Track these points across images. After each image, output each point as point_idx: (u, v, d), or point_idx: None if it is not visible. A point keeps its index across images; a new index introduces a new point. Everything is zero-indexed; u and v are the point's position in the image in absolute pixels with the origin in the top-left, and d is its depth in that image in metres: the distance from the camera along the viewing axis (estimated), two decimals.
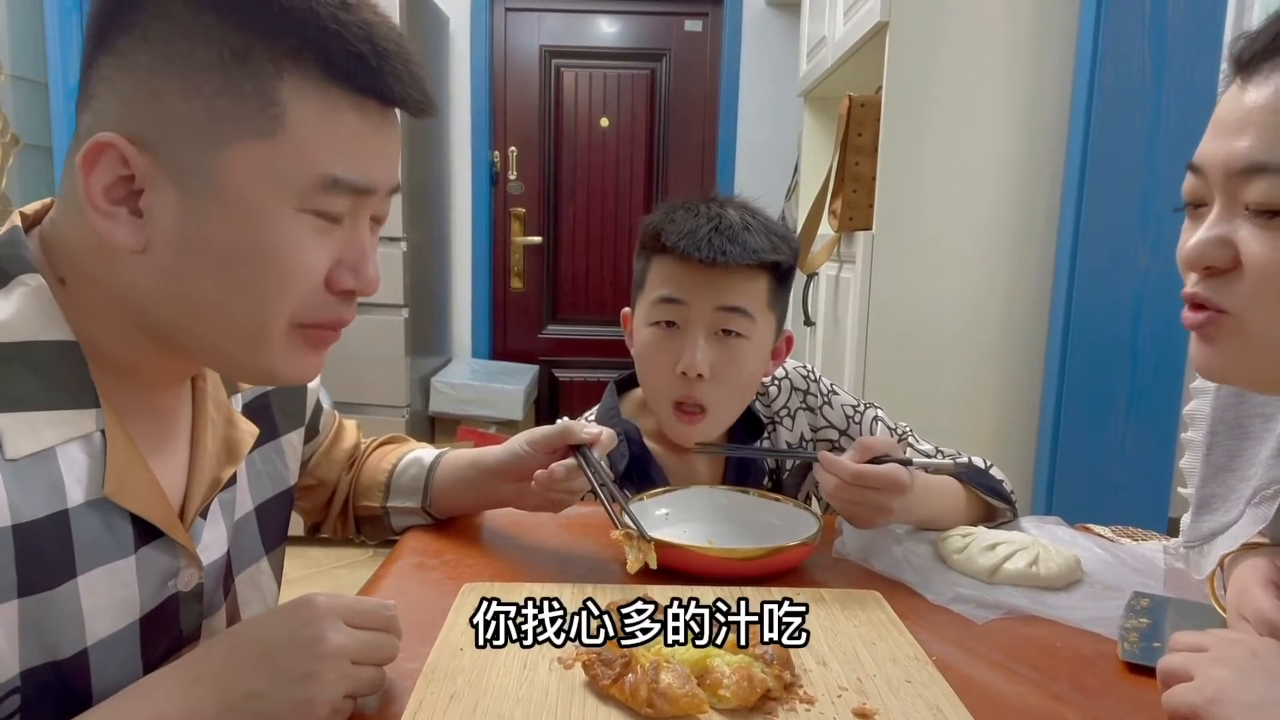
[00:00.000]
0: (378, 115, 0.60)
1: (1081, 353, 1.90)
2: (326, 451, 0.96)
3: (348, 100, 0.58)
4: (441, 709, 0.60)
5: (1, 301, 0.57)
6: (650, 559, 0.81)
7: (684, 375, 1.01)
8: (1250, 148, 0.57)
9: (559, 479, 0.86)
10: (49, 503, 0.56)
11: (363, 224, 0.63)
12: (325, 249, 0.60)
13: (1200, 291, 0.61)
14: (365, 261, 0.62)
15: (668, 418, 1.06)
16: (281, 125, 0.56)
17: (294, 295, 0.60)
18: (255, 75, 0.55)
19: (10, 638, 0.54)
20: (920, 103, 1.91)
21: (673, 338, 1.03)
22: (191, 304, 0.59)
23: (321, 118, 0.57)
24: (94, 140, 0.55)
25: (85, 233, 0.59)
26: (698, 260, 0.98)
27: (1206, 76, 1.78)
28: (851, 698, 0.63)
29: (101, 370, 0.60)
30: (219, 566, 0.71)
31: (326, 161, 0.57)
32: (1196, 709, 0.56)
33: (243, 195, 0.56)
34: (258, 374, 0.64)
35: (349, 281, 0.62)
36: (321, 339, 0.64)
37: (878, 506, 0.89)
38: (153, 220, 0.57)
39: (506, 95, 3.61)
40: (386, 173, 0.62)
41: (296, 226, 0.58)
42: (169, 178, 0.56)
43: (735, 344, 1.02)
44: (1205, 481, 0.85)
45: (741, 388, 1.06)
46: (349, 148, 0.58)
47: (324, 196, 0.58)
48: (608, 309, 3.73)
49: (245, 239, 0.57)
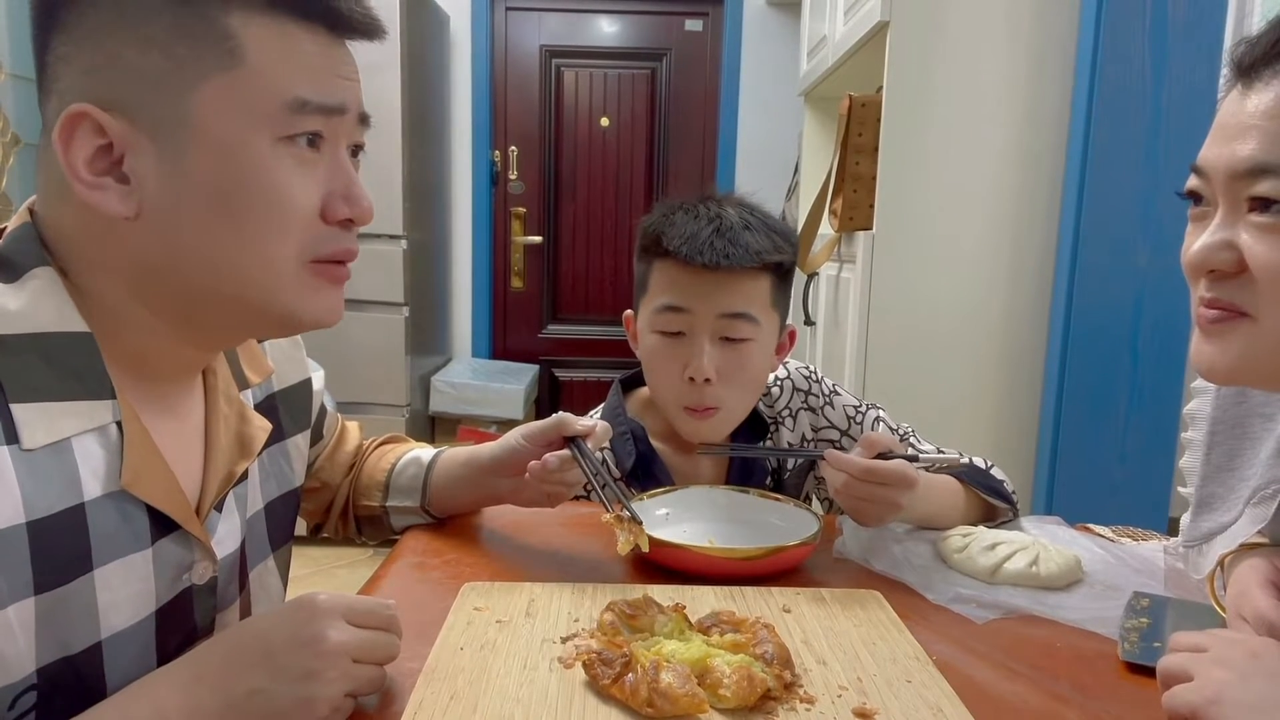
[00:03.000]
0: (328, 38, 0.61)
1: (1081, 352, 1.90)
2: (330, 454, 0.96)
3: (296, 24, 0.59)
4: (441, 709, 0.60)
5: (15, 293, 0.57)
6: (641, 541, 0.82)
7: (691, 381, 1.01)
8: (1254, 151, 0.58)
9: (552, 469, 0.86)
10: (65, 496, 0.56)
11: (342, 151, 0.64)
12: (311, 179, 0.61)
13: (1219, 296, 0.61)
14: (354, 186, 0.63)
15: (679, 418, 1.06)
16: (241, 58, 0.57)
17: (291, 229, 0.60)
18: (203, 14, 0.57)
19: (27, 635, 0.54)
20: (921, 102, 1.91)
21: (679, 344, 1.02)
22: (195, 260, 0.59)
23: (277, 43, 0.58)
24: (66, 113, 0.55)
25: (75, 217, 0.59)
26: (700, 265, 0.98)
27: (1206, 77, 1.78)
28: (851, 697, 0.63)
29: (115, 362, 0.60)
30: (233, 560, 0.71)
31: (291, 85, 0.59)
32: (1196, 709, 0.56)
33: (219, 135, 0.57)
34: (279, 319, 0.64)
35: (344, 210, 0.63)
36: (334, 274, 0.64)
37: (887, 502, 0.89)
38: (139, 183, 0.57)
39: (507, 95, 3.61)
40: (353, 93, 0.63)
41: (277, 158, 0.59)
42: (146, 136, 0.57)
43: (741, 347, 1.02)
44: (1205, 481, 0.85)
45: (750, 386, 1.07)
46: (310, 70, 0.60)
47: (296, 119, 0.59)
48: (608, 309, 3.73)
49: (230, 178, 0.58)
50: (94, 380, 0.59)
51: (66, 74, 0.57)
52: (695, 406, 1.03)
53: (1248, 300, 0.60)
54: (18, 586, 0.53)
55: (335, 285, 0.65)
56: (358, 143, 0.66)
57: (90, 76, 0.57)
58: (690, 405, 1.03)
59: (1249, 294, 0.60)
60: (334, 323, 0.67)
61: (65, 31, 0.57)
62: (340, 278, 0.65)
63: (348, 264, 0.65)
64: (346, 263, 0.65)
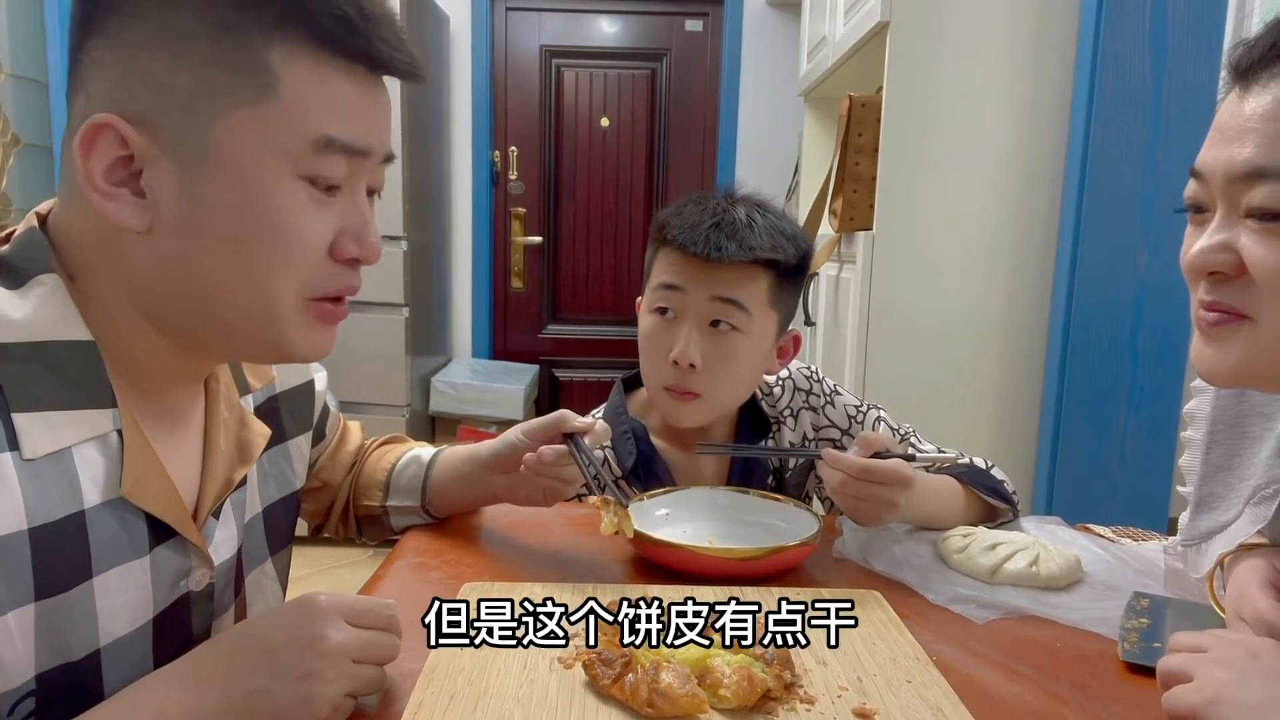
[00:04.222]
0: (367, 79, 0.61)
1: (1082, 353, 1.90)
2: (332, 454, 0.96)
3: (337, 64, 0.59)
4: (441, 709, 0.60)
5: (19, 301, 0.57)
6: (626, 527, 0.82)
7: (675, 364, 1.02)
8: (1252, 154, 0.58)
9: (548, 462, 0.86)
10: (66, 504, 0.56)
11: (360, 192, 0.64)
12: (326, 218, 0.61)
13: (1219, 299, 0.61)
14: (366, 228, 0.63)
15: (660, 398, 1.07)
16: (275, 92, 0.57)
17: (299, 265, 0.60)
18: (245, 44, 0.56)
19: (27, 641, 0.54)
20: (921, 103, 1.91)
21: (669, 327, 1.04)
22: (200, 282, 0.59)
23: (314, 82, 0.58)
24: (91, 122, 0.55)
25: (88, 223, 0.59)
26: (694, 254, 1.00)
27: (1206, 78, 1.78)
28: (852, 698, 0.63)
29: (117, 370, 0.60)
30: (229, 566, 0.71)
31: (321, 123, 0.58)
32: (1196, 709, 0.56)
33: (241, 165, 0.57)
34: (273, 350, 0.64)
35: (353, 249, 0.63)
36: (332, 314, 0.65)
37: (883, 501, 0.89)
38: (155, 199, 0.57)
39: (507, 95, 3.61)
40: (380, 136, 0.63)
41: (295, 194, 0.59)
42: (168, 154, 0.57)
43: (729, 337, 1.03)
44: (1204, 480, 0.85)
45: (735, 380, 1.07)
46: (342, 110, 0.59)
47: (320, 159, 0.59)
48: (608, 309, 3.73)
49: (246, 209, 0.58)
50: (96, 389, 0.59)
51: (97, 78, 0.57)
52: (675, 388, 1.04)
53: (1248, 302, 0.60)
54: (18, 593, 0.53)
55: (331, 324, 0.65)
56: (375, 187, 0.66)
57: (120, 87, 0.56)
58: (670, 386, 1.05)
59: (1249, 296, 0.60)
60: (323, 356, 0.67)
61: (103, 37, 0.57)
62: (337, 317, 0.65)
63: (346, 300, 0.66)
64: (345, 299, 0.65)
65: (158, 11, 0.56)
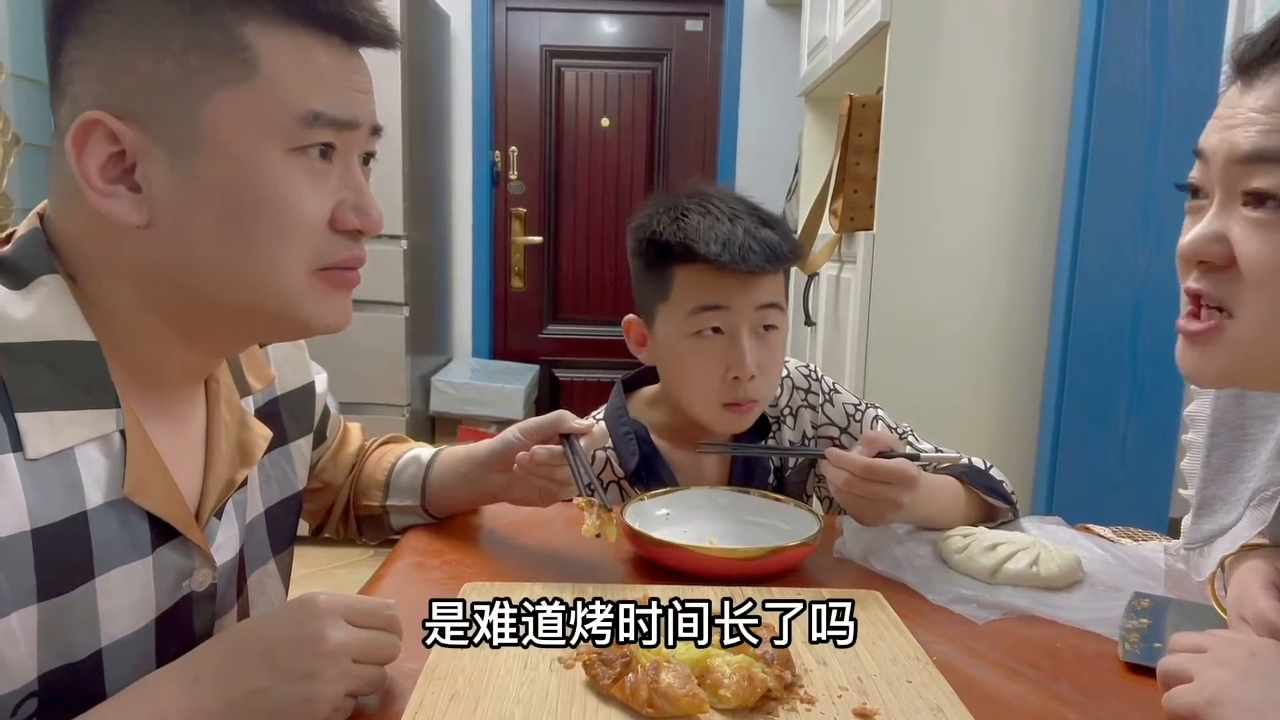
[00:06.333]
0: (343, 49, 0.61)
1: (1082, 353, 1.90)
2: (333, 455, 0.96)
3: (313, 35, 0.59)
4: (441, 709, 0.60)
5: (22, 301, 0.57)
6: (608, 531, 0.82)
7: (736, 379, 1.01)
8: (1254, 136, 0.58)
9: (540, 461, 0.86)
10: (68, 504, 0.56)
11: (353, 161, 0.64)
12: (322, 190, 0.61)
13: (1202, 288, 0.62)
14: (364, 197, 0.63)
15: (717, 415, 1.04)
16: (255, 68, 0.57)
17: (301, 239, 0.60)
18: (219, 23, 0.56)
19: (29, 641, 0.54)
20: (921, 103, 1.91)
21: (718, 343, 1.01)
22: (205, 268, 0.59)
23: (293, 56, 0.58)
24: (80, 120, 0.55)
25: (84, 224, 0.59)
26: (744, 271, 0.97)
27: (1207, 78, 1.78)
28: (852, 698, 0.63)
29: (120, 369, 0.60)
30: (232, 567, 0.71)
31: (305, 97, 0.59)
32: (1196, 710, 0.56)
33: (231, 145, 0.57)
34: (291, 325, 0.64)
35: (353, 220, 0.63)
36: (343, 279, 0.65)
37: (887, 501, 0.89)
38: (151, 191, 0.57)
39: (507, 95, 3.61)
40: (365, 107, 0.63)
41: (289, 169, 0.59)
42: (159, 144, 0.57)
43: (773, 337, 1.04)
44: (1205, 483, 0.85)
45: (777, 375, 1.09)
46: (324, 83, 0.60)
47: (308, 132, 0.59)
48: (608, 309, 3.73)
49: (241, 189, 0.58)
50: (99, 389, 0.59)
51: (80, 78, 0.57)
52: (739, 401, 1.03)
53: (1233, 295, 0.60)
54: (21, 593, 0.53)
55: (344, 290, 0.65)
56: (369, 151, 0.66)
57: (104, 83, 0.56)
58: (732, 401, 1.03)
59: (1234, 289, 0.60)
60: (344, 326, 0.67)
61: (80, 35, 0.57)
62: (350, 282, 0.65)
63: (356, 270, 0.66)
64: (355, 269, 0.65)
65: (131, 4, 0.56)
